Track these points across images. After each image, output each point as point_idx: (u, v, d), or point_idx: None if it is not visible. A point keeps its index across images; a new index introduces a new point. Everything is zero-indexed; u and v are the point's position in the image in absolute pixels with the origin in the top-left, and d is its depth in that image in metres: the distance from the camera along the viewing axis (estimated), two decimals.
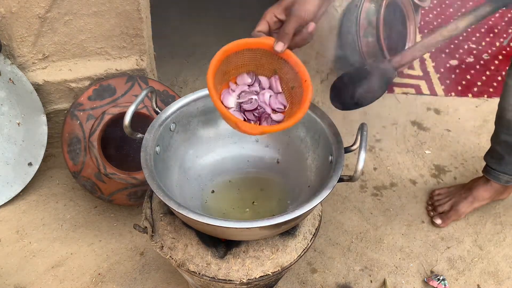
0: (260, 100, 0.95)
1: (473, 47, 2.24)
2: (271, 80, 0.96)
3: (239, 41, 0.88)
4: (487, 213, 1.50)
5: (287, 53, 0.90)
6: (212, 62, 0.85)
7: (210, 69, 0.85)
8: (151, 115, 1.36)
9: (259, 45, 0.89)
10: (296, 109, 0.90)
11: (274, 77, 0.95)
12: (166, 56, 2.05)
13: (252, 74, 0.95)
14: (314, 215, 1.07)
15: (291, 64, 0.91)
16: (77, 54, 1.44)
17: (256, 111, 0.94)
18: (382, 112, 1.85)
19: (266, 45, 0.89)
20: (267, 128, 0.90)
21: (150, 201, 1.06)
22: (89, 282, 1.28)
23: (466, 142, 1.75)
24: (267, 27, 0.92)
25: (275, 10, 0.91)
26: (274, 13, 0.91)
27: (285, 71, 0.93)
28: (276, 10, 0.91)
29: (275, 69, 0.94)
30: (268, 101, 0.95)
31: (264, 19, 0.91)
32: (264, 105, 0.95)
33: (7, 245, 1.36)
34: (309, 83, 0.89)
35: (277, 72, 0.94)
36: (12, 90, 1.38)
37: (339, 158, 0.94)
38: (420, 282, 1.32)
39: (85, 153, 1.33)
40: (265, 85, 0.96)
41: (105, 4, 1.35)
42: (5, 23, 1.31)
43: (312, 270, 1.33)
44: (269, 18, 0.91)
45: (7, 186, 1.41)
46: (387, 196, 1.55)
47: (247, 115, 0.93)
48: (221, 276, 0.95)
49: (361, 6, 1.78)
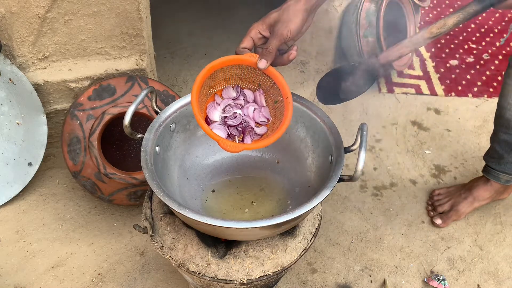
0: (244, 114, 0.98)
1: (473, 47, 2.24)
2: (255, 94, 0.99)
3: (223, 58, 0.90)
4: (487, 213, 1.50)
5: (270, 70, 0.92)
6: (197, 80, 0.88)
7: (194, 88, 0.88)
8: (151, 115, 1.36)
9: (243, 62, 0.92)
10: (278, 124, 0.93)
11: (258, 91, 0.98)
12: (166, 56, 2.05)
13: (237, 87, 0.98)
14: (314, 215, 1.07)
15: (273, 81, 0.94)
16: (77, 54, 1.44)
17: (240, 125, 0.97)
18: (382, 112, 1.85)
19: (250, 62, 0.91)
20: (248, 146, 0.92)
21: (150, 201, 1.06)
22: (89, 282, 1.28)
23: (466, 142, 1.75)
24: (252, 43, 0.94)
25: (260, 27, 0.93)
26: (258, 30, 0.93)
27: (268, 85, 0.96)
28: (260, 27, 0.93)
29: (259, 83, 0.97)
30: (252, 115, 0.98)
31: (249, 35, 0.93)
32: (248, 119, 0.98)
33: (7, 245, 1.36)
34: (289, 101, 0.92)
35: (261, 86, 0.97)
36: (12, 90, 1.38)
37: (339, 158, 0.95)
38: (420, 282, 1.32)
39: (85, 153, 1.33)
40: (250, 99, 0.99)
41: (105, 4, 1.35)
42: (5, 23, 1.31)
43: (312, 270, 1.33)
44: (254, 35, 0.93)
45: (7, 186, 1.41)
46: (387, 196, 1.55)
47: (231, 130, 0.96)
48: (221, 276, 0.95)
49: (361, 6, 1.78)
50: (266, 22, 0.92)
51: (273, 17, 0.92)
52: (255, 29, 0.93)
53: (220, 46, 2.12)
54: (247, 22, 2.36)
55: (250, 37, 0.93)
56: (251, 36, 0.93)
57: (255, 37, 0.93)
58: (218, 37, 2.16)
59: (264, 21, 0.93)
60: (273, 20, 0.92)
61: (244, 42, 0.93)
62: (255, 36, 0.93)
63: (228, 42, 2.14)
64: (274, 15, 0.92)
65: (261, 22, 0.93)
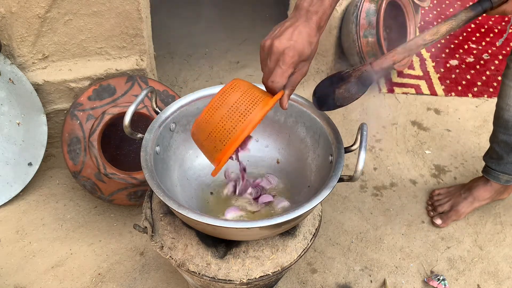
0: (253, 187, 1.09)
1: (473, 47, 2.24)
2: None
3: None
4: (487, 213, 1.50)
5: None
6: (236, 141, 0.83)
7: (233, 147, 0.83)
8: (151, 115, 1.36)
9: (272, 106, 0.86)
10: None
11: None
12: (166, 56, 2.05)
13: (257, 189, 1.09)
14: (314, 215, 1.07)
15: None
16: (77, 54, 1.44)
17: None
18: (382, 112, 1.85)
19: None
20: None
21: (150, 201, 1.06)
22: (89, 282, 1.28)
23: (466, 142, 1.75)
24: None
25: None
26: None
27: None
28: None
29: None
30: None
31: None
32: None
33: (7, 245, 1.36)
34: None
35: None
36: (12, 90, 1.38)
37: (339, 158, 0.95)
38: (420, 282, 1.32)
39: (85, 153, 1.33)
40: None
41: (105, 4, 1.35)
42: (5, 23, 1.31)
43: (312, 270, 1.33)
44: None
45: (7, 186, 1.41)
46: (387, 196, 1.55)
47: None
48: (221, 276, 0.95)
49: (361, 6, 1.79)
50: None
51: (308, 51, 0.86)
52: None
53: (220, 46, 2.13)
54: (247, 22, 2.36)
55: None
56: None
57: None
58: (218, 37, 2.17)
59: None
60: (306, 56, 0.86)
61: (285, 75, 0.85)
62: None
63: (228, 42, 2.14)
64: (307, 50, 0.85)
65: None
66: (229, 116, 0.82)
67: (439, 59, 2.16)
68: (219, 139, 0.83)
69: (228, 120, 0.82)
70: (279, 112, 1.11)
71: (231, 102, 0.83)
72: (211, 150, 0.85)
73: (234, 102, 0.83)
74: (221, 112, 0.83)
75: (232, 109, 0.83)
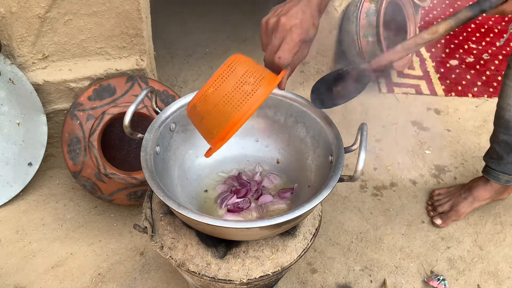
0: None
1: (473, 47, 2.24)
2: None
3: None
4: (487, 213, 1.50)
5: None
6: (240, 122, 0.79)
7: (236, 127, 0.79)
8: (151, 115, 1.36)
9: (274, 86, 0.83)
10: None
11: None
12: (166, 56, 2.05)
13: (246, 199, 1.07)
14: (314, 215, 1.07)
15: None
16: (77, 54, 1.44)
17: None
18: (382, 112, 1.85)
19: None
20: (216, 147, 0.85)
21: (150, 201, 1.06)
22: (89, 282, 1.28)
23: (466, 142, 1.75)
24: None
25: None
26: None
27: None
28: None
29: None
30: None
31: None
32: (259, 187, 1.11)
33: (7, 245, 1.36)
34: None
35: None
36: (12, 90, 1.38)
37: (339, 158, 0.95)
38: (420, 282, 1.32)
39: (85, 153, 1.33)
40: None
41: (105, 4, 1.35)
42: (5, 23, 1.31)
43: (312, 270, 1.33)
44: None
45: (7, 186, 1.41)
46: (387, 196, 1.55)
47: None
48: (221, 276, 0.95)
49: (361, 6, 1.78)
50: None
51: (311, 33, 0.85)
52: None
53: (220, 46, 2.13)
54: (246, 22, 2.35)
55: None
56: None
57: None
58: (218, 37, 2.17)
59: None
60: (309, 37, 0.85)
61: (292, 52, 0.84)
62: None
63: (228, 42, 2.14)
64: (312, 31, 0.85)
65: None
66: (239, 87, 0.78)
67: (439, 59, 2.16)
68: (226, 112, 0.77)
69: (238, 91, 0.77)
70: (279, 112, 1.11)
71: (239, 74, 0.79)
72: (214, 125, 0.79)
73: (243, 74, 0.79)
74: (230, 82, 0.78)
75: (241, 80, 0.78)
